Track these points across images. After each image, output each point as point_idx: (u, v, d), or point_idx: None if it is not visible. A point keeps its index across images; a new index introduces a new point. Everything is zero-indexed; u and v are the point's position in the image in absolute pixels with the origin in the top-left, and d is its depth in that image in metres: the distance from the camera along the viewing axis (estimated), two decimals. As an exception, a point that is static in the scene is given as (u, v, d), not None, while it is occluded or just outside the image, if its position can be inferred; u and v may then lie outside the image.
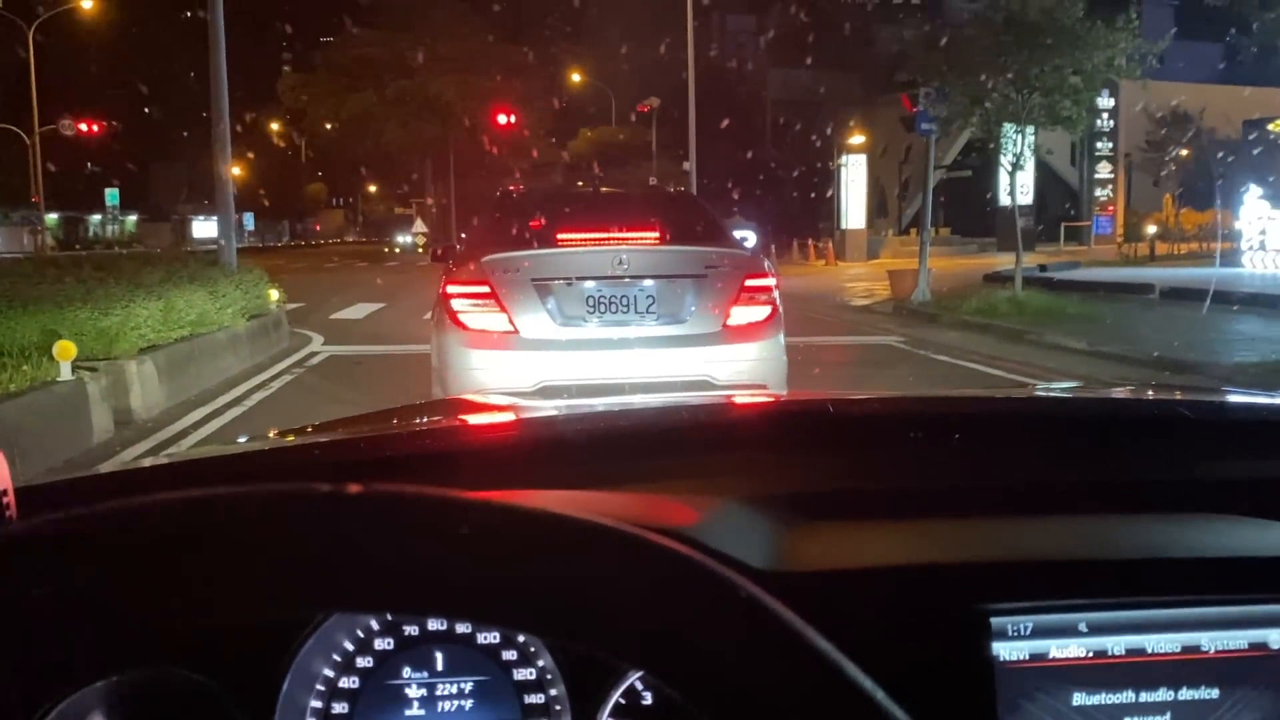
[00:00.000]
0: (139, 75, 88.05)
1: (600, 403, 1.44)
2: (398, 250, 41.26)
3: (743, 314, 5.18)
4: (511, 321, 4.99)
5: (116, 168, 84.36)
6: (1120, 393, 1.75)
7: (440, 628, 0.81)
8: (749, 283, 5.22)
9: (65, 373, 6.14)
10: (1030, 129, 13.42)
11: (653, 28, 54.69)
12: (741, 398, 1.64)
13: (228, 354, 8.82)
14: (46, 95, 41.46)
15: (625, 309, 5.07)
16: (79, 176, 68.42)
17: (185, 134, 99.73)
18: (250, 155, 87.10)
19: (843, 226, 28.76)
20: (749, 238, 24.31)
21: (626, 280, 5.06)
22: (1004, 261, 26.68)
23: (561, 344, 5.01)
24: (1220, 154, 30.45)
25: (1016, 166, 13.81)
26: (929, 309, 13.66)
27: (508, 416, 1.54)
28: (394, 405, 1.80)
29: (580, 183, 30.82)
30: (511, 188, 9.42)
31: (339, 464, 0.98)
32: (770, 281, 5.37)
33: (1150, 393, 1.53)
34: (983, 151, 39.26)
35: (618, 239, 5.31)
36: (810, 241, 29.15)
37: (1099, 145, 36.90)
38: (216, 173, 10.56)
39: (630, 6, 59.85)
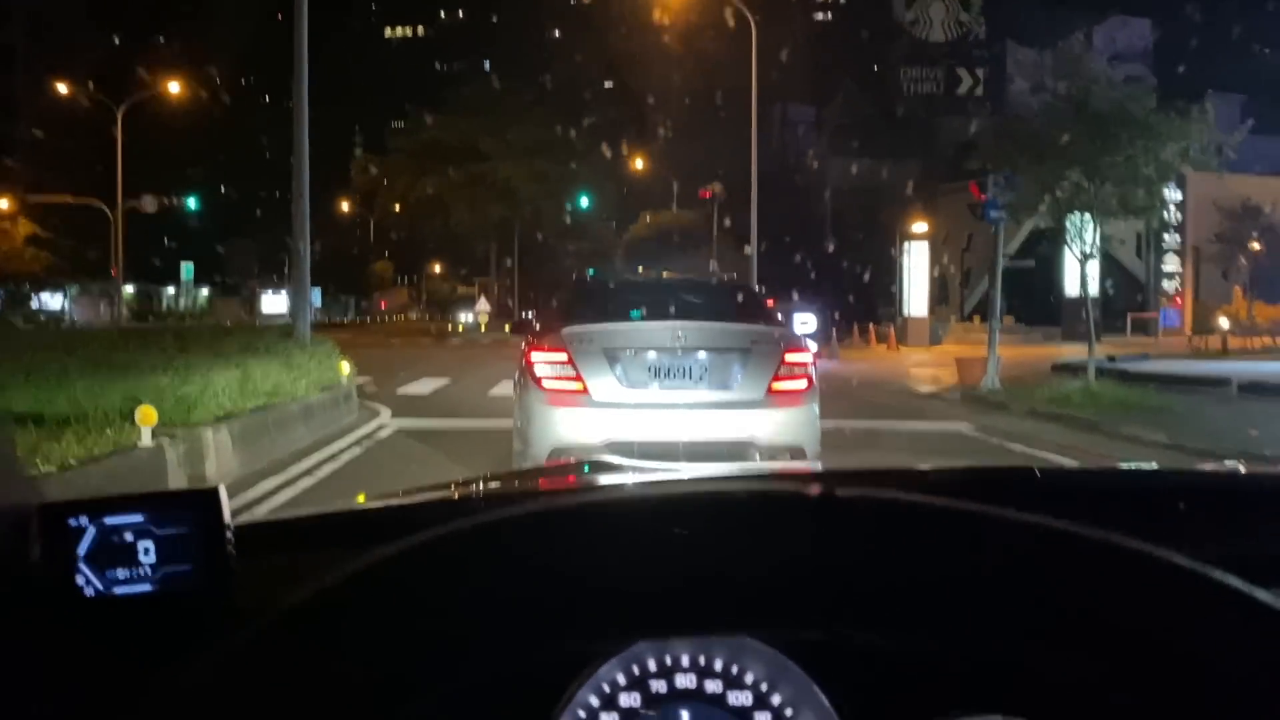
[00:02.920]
0: (216, 155, 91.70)
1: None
2: (460, 329, 41.78)
3: (783, 384, 5.84)
4: (584, 384, 5.71)
5: (192, 243, 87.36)
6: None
7: (690, 685, 0.78)
8: (788, 357, 5.92)
9: (146, 438, 6.22)
10: (1099, 219, 13.29)
11: (716, 115, 55.67)
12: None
13: (299, 425, 8.91)
14: (130, 172, 43.25)
15: (682, 376, 5.80)
16: (156, 251, 70.84)
17: (258, 212, 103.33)
18: (319, 233, 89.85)
19: (905, 313, 28.59)
20: (810, 322, 24.18)
21: (682, 352, 5.79)
22: (1070, 351, 26.23)
23: (628, 405, 5.71)
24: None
25: (1087, 256, 13.59)
26: (998, 397, 13.41)
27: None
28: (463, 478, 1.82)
29: (640, 268, 31.82)
30: (586, 272, 9.84)
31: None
32: (808, 357, 6.08)
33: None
34: (1047, 242, 39.07)
35: (677, 314, 6.07)
36: (871, 326, 28.98)
37: (1165, 237, 36.49)
38: (294, 248, 10.81)
39: (693, 95, 61.09)
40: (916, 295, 28.69)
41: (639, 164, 54.62)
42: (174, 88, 41.80)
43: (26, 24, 63.01)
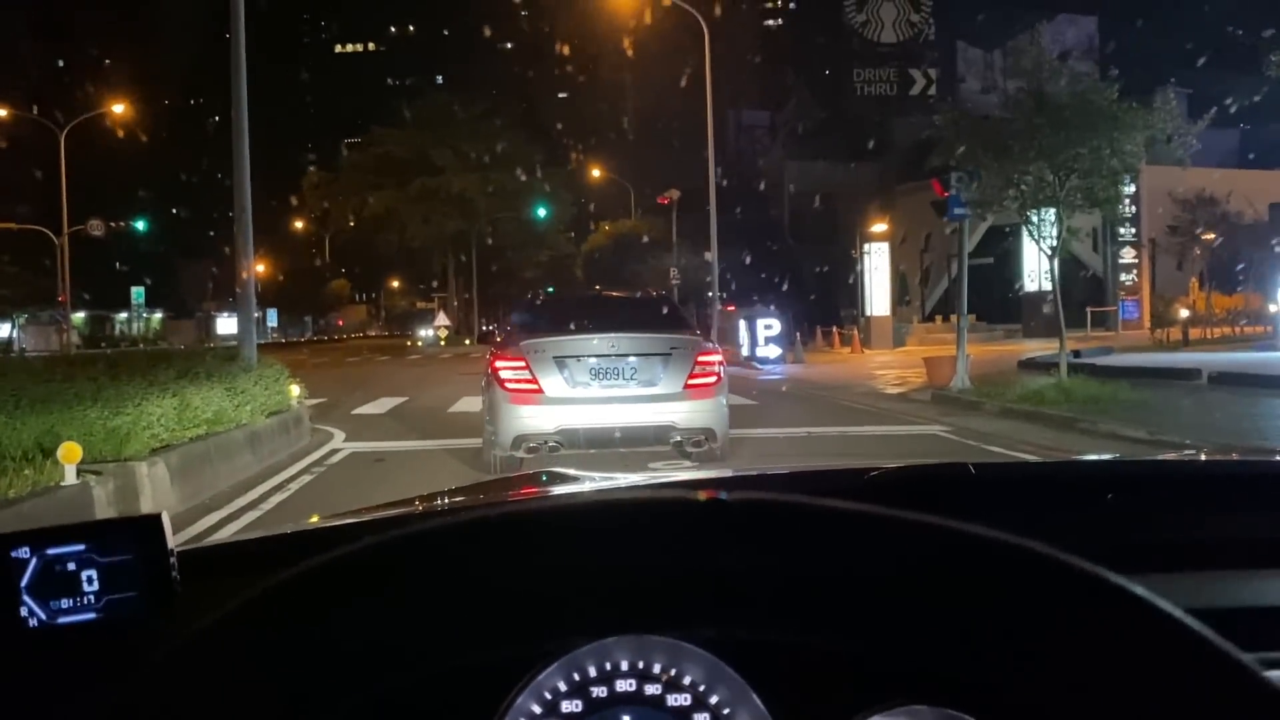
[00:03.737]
0: (165, 177, 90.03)
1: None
2: (419, 344, 41.15)
3: (696, 380, 7.31)
4: (539, 385, 7.19)
5: (144, 266, 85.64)
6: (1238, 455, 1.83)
7: (630, 688, 0.80)
8: (701, 359, 7.39)
9: (70, 476, 5.70)
10: (1065, 213, 13.06)
11: (671, 123, 55.48)
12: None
13: (245, 453, 8.40)
14: (76, 196, 42.13)
15: (616, 376, 7.28)
16: (106, 275, 69.36)
17: (211, 233, 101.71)
18: (273, 253, 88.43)
19: (868, 314, 28.40)
20: (773, 326, 23.86)
21: (616, 357, 7.28)
22: (1033, 348, 26.19)
23: (574, 400, 7.20)
24: (1248, 237, 30.12)
25: (1054, 251, 13.38)
26: (970, 396, 13.14)
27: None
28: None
29: (596, 287, 31.98)
30: (538, 292, 10.84)
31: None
32: (717, 358, 7.59)
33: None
34: (1006, 239, 39.18)
35: (614, 327, 7.48)
36: (835, 329, 28.77)
37: (1121, 230, 36.67)
38: (238, 268, 10.28)
39: (648, 103, 60.88)
40: (878, 296, 28.53)
41: (596, 174, 54.26)
42: (118, 109, 40.77)
43: (-36, 47, 61.42)
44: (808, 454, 9.91)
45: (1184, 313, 27.08)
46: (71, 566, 0.80)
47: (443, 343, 39.63)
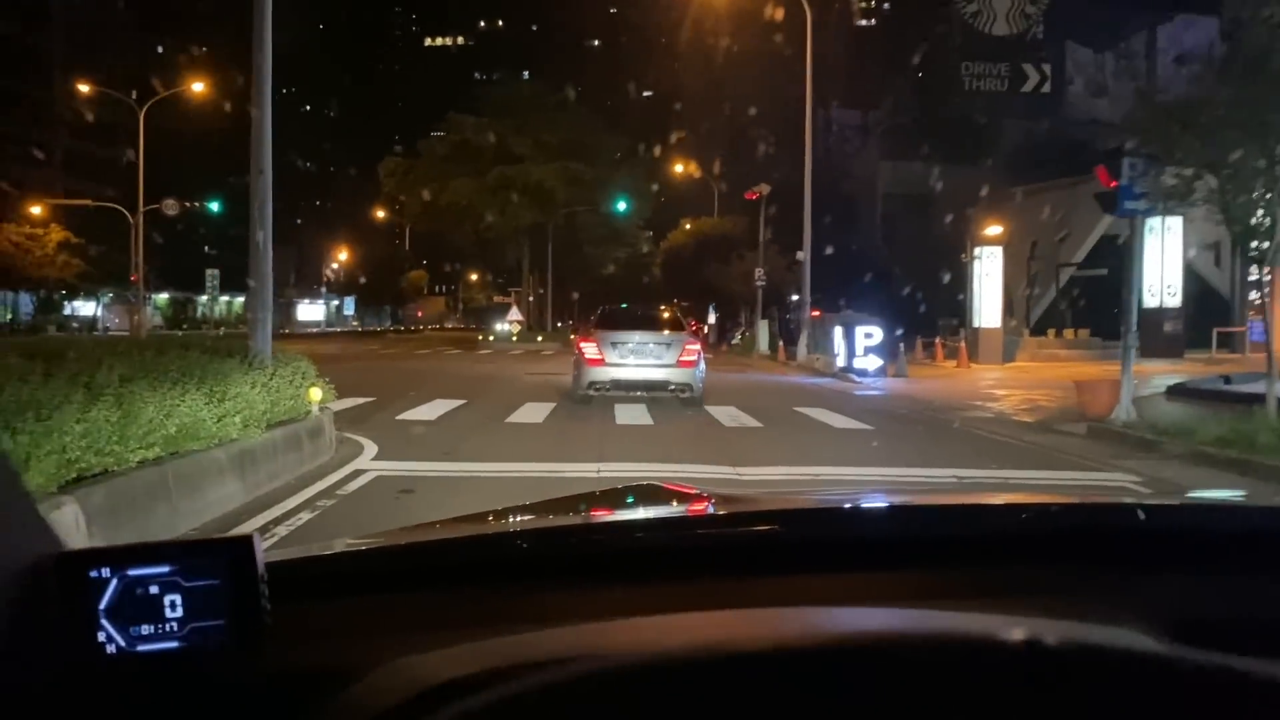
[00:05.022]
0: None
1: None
2: (491, 339, 39.33)
3: (683, 359, 13.27)
4: (602, 354, 13.25)
5: (228, 250, 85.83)
6: None
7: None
8: (686, 347, 13.38)
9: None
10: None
11: (760, 119, 52.94)
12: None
13: (228, 480, 6.29)
14: (158, 176, 41.28)
15: (642, 355, 13.29)
16: (191, 258, 69.27)
17: (298, 220, 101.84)
18: (355, 243, 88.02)
19: (975, 324, 25.60)
20: (874, 334, 21.25)
21: (641, 344, 13.36)
22: (1159, 369, 23.23)
23: (618, 363, 13.21)
24: None
25: (1263, 255, 10.69)
26: (1140, 432, 10.53)
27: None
28: None
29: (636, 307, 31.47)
30: (606, 306, 15.99)
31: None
32: (695, 347, 13.64)
33: None
34: (1120, 249, 35.84)
35: (643, 327, 13.99)
36: (938, 341, 26.04)
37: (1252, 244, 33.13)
38: (252, 237, 8.23)
39: (736, 99, 58.37)
40: (988, 306, 25.67)
41: (678, 169, 52.01)
42: (198, 87, 39.69)
43: (62, 28, 61.59)
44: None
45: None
46: (154, 590, 0.75)
47: (515, 339, 37.75)
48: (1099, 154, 44.64)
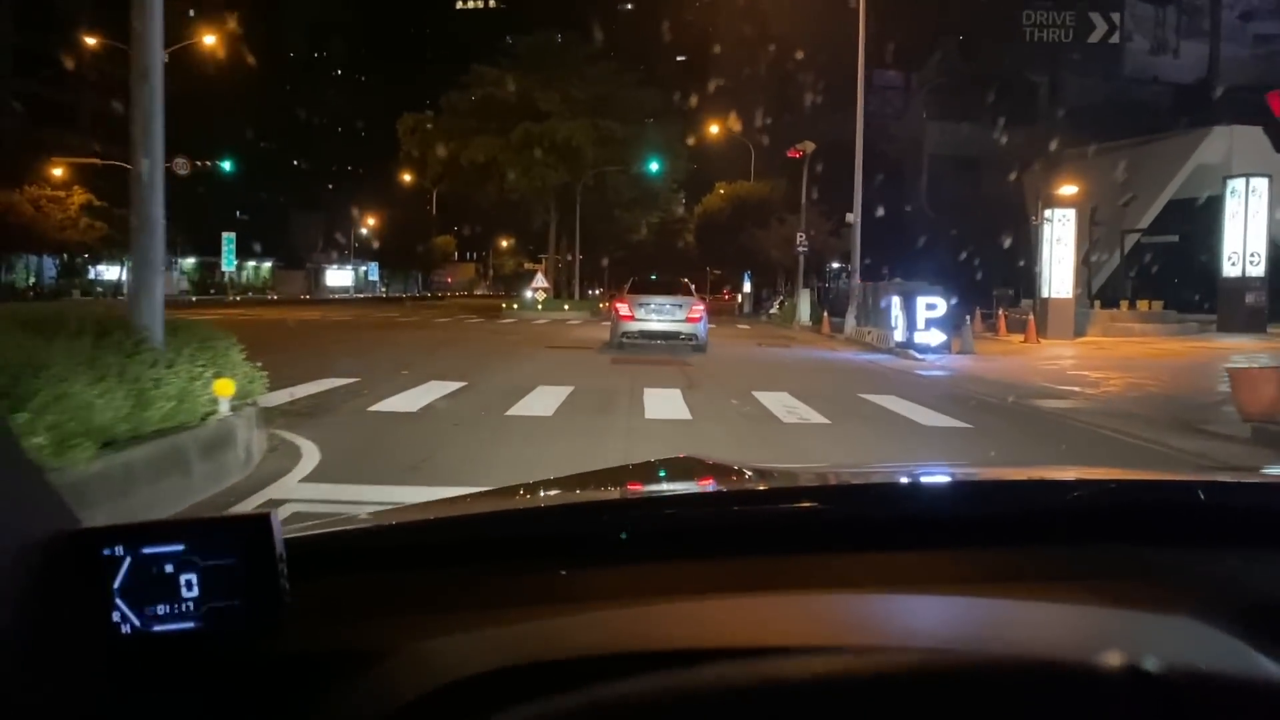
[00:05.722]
0: (289, 126, 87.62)
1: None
2: (516, 306, 36.98)
3: (691, 315, 17.81)
4: (632, 313, 17.95)
5: (259, 216, 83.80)
6: None
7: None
8: (694, 307, 17.94)
9: None
10: None
11: (799, 78, 49.86)
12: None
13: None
14: (187, 136, 39.00)
15: (661, 312, 17.93)
16: (218, 223, 67.46)
17: (330, 186, 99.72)
18: (380, 207, 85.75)
19: (1045, 295, 22.77)
20: (938, 306, 18.65)
21: (660, 305, 18.04)
22: (1251, 347, 20.50)
23: (643, 319, 17.86)
24: None
25: None
26: (1331, 440, 7.89)
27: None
28: None
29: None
30: (635, 276, 20.59)
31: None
32: (700, 308, 18.08)
33: None
34: (1193, 213, 32.78)
35: (662, 293, 18.51)
36: (1000, 312, 23.29)
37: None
38: (135, 168, 5.79)
39: (771, 62, 55.21)
40: (1059, 275, 22.74)
41: (714, 130, 49.18)
42: (209, 40, 37.20)
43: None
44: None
45: None
46: (169, 568, 0.73)
47: (540, 307, 35.30)
48: (1162, 114, 41.03)
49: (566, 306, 37.93)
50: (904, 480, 1.36)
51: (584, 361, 15.75)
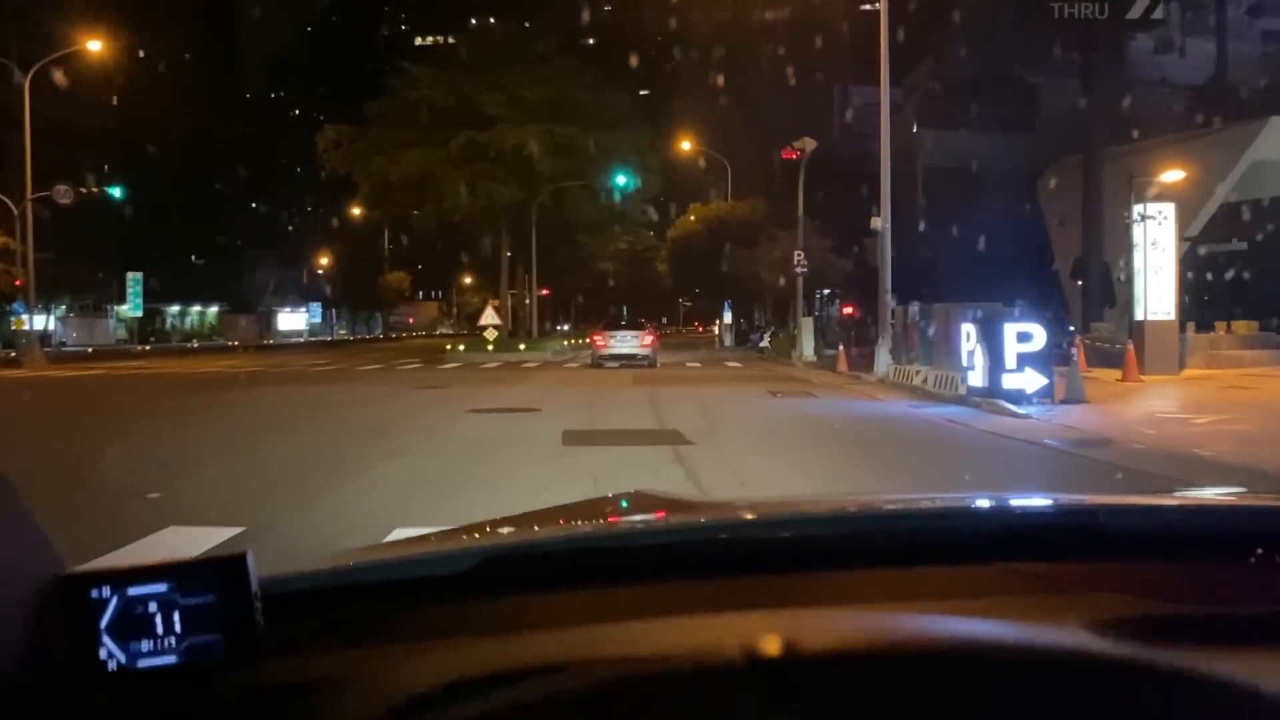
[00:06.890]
0: (251, 169, 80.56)
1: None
2: (462, 348, 30.76)
3: (645, 343, 25.18)
4: (605, 343, 25.41)
5: (214, 260, 76.78)
6: None
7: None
8: (645, 337, 25.38)
9: None
10: None
11: (782, 88, 44.45)
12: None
13: None
14: (50, 160, 32.66)
15: (625, 341, 25.31)
16: (174, 268, 61.43)
17: (289, 228, 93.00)
18: (330, 243, 79.18)
19: (1139, 317, 16.83)
20: (1037, 337, 13.01)
21: (624, 335, 25.57)
22: None
23: (613, 347, 25.27)
24: None
25: None
26: None
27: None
28: None
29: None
30: (610, 313, 35.43)
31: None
32: (650, 338, 25.59)
33: None
34: (1263, 218, 27.32)
35: (626, 329, 26.14)
36: (1078, 341, 17.35)
37: None
38: None
39: (755, 67, 49.81)
40: (1157, 289, 16.88)
41: (686, 147, 43.45)
42: (94, 46, 30.84)
43: None
44: None
45: None
46: (152, 607, 0.76)
47: (490, 347, 29.10)
48: (1179, 114, 34.56)
49: (523, 346, 31.71)
50: (851, 509, 1.39)
51: (517, 440, 9.56)
